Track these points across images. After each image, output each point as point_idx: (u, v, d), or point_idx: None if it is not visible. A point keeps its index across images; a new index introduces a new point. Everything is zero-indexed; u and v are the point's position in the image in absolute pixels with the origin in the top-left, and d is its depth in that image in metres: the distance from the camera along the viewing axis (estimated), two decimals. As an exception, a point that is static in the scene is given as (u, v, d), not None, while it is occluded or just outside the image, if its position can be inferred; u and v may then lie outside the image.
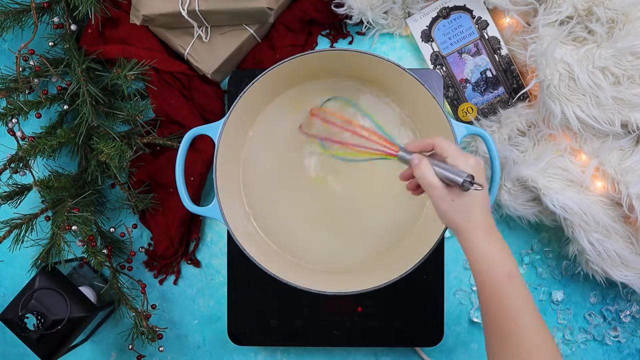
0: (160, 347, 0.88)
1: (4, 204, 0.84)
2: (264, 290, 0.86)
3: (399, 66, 0.75)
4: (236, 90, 0.81)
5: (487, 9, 0.86)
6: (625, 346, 0.89)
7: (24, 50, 0.83)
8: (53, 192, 0.83)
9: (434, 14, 0.87)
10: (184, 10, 0.81)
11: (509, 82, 0.87)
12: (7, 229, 0.83)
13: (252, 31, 0.86)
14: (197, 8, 0.81)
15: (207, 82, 0.90)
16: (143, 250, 0.92)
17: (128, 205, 0.89)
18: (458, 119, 0.89)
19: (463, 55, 0.88)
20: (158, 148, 0.90)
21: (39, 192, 0.82)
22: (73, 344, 0.86)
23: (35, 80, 0.84)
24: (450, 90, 0.88)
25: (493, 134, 0.86)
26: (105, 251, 0.87)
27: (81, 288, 0.85)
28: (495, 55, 0.87)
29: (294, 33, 0.89)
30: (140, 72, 0.83)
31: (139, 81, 0.86)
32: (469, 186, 0.60)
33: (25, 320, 0.80)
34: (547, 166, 0.80)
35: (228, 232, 0.77)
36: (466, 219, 0.61)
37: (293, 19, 0.88)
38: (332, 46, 0.91)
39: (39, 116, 0.85)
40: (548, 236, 0.89)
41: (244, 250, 0.75)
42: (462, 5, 0.87)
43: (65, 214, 0.82)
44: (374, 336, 0.86)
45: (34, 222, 0.85)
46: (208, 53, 0.86)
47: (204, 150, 0.87)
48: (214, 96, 0.89)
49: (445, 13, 0.87)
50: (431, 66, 0.88)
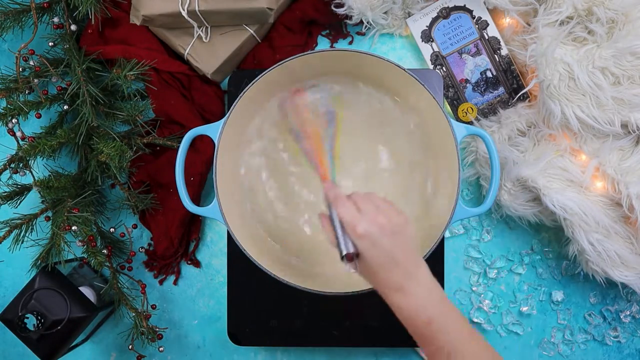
0: (160, 347, 0.88)
1: (4, 204, 0.84)
2: (264, 290, 0.86)
3: (399, 66, 0.75)
4: (236, 90, 0.81)
5: (487, 9, 0.86)
6: (625, 346, 0.89)
7: (24, 51, 0.83)
8: (53, 192, 0.83)
9: (434, 14, 0.87)
10: (184, 10, 0.81)
11: (509, 82, 0.87)
12: (7, 229, 0.83)
13: (252, 31, 0.86)
14: (197, 8, 0.81)
15: (207, 82, 0.90)
16: (143, 250, 0.92)
17: (128, 205, 0.89)
18: (458, 119, 0.89)
19: (463, 56, 0.88)
20: (158, 148, 0.90)
21: (39, 192, 0.82)
22: (73, 344, 0.86)
23: (35, 80, 0.84)
24: (450, 90, 0.88)
25: (493, 134, 0.86)
26: (105, 251, 0.87)
27: (81, 288, 0.85)
28: (495, 56, 0.87)
29: (294, 33, 0.89)
30: (140, 72, 0.83)
31: (139, 81, 0.86)
32: (345, 263, 0.60)
33: (25, 320, 0.80)
34: (547, 166, 0.80)
35: (228, 232, 0.77)
36: (373, 278, 0.61)
37: (293, 19, 0.88)
38: (332, 46, 0.91)
39: (39, 116, 0.85)
40: (548, 236, 0.89)
41: (244, 250, 0.75)
42: (462, 5, 0.87)
43: (65, 214, 0.82)
44: (374, 336, 0.86)
45: (34, 222, 0.85)
46: (208, 53, 0.86)
47: (204, 150, 0.87)
48: (214, 96, 0.89)
49: (445, 13, 0.87)
50: (431, 66, 0.88)
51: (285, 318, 0.86)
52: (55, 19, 0.85)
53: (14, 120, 0.83)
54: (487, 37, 0.87)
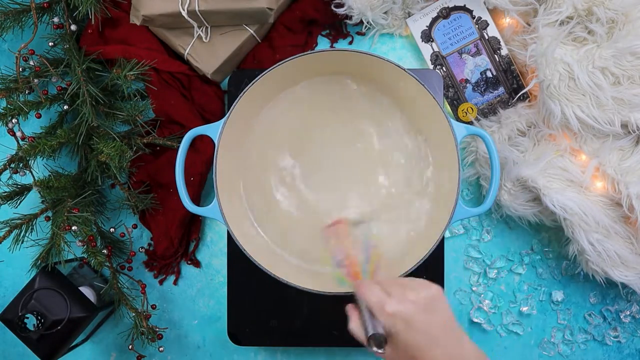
0: (160, 347, 0.88)
1: (4, 204, 0.84)
2: (264, 290, 0.86)
3: (399, 66, 0.75)
4: (236, 90, 0.81)
5: (487, 9, 0.86)
6: (625, 346, 0.89)
7: (24, 51, 0.83)
8: (53, 192, 0.83)
9: (434, 14, 0.87)
10: (184, 10, 0.81)
11: (509, 82, 0.87)
12: (7, 229, 0.83)
13: (252, 31, 0.86)
14: (197, 8, 0.81)
15: (207, 82, 0.90)
16: (143, 250, 0.92)
17: (128, 205, 0.89)
18: (458, 119, 0.89)
19: (463, 56, 0.88)
20: (158, 148, 0.90)
21: (39, 192, 0.82)
22: (73, 344, 0.86)
23: (35, 80, 0.84)
24: (450, 90, 0.88)
25: (493, 134, 0.86)
26: (105, 251, 0.87)
27: (81, 288, 0.85)
28: (495, 56, 0.87)
29: (294, 33, 0.89)
30: (140, 72, 0.83)
31: (139, 81, 0.86)
32: (371, 347, 0.55)
33: (25, 320, 0.80)
34: (547, 166, 0.80)
35: (228, 232, 0.77)
36: None
37: (293, 19, 0.88)
38: (332, 46, 0.91)
39: (39, 116, 0.85)
40: (548, 236, 0.89)
41: (244, 250, 0.75)
42: (462, 5, 0.87)
43: (65, 214, 0.82)
44: (374, 336, 0.86)
45: (34, 222, 0.85)
46: (208, 53, 0.86)
47: (204, 150, 0.87)
48: (214, 96, 0.89)
49: (445, 13, 0.87)
50: (431, 66, 0.88)
51: (285, 318, 0.86)
52: (55, 19, 0.85)
53: (14, 120, 0.83)
54: (487, 37, 0.87)
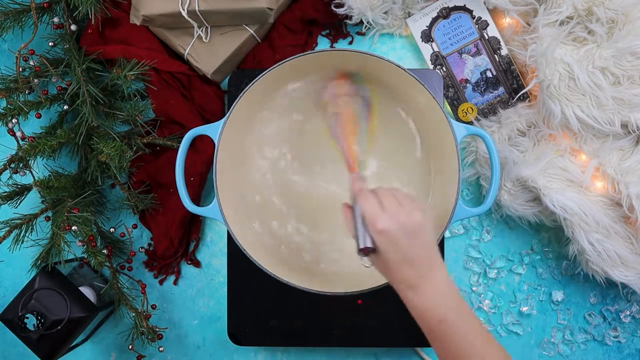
0: (160, 347, 0.88)
1: (4, 204, 0.84)
2: (264, 290, 0.86)
3: (399, 66, 0.75)
4: (236, 90, 0.81)
5: (487, 9, 0.86)
6: (625, 346, 0.89)
7: (24, 51, 0.83)
8: (53, 192, 0.83)
9: (434, 14, 0.87)
10: (184, 10, 0.81)
11: (509, 82, 0.87)
12: (7, 229, 0.83)
13: (252, 31, 0.86)
14: (197, 8, 0.81)
15: (207, 82, 0.90)
16: (143, 250, 0.92)
17: (128, 205, 0.89)
18: (458, 119, 0.89)
19: (463, 56, 0.88)
20: (158, 148, 0.90)
21: (39, 192, 0.82)
22: (73, 344, 0.86)
23: (35, 80, 0.84)
24: (450, 90, 0.88)
25: (493, 134, 0.86)
26: (105, 251, 0.87)
27: (81, 288, 0.85)
28: (495, 56, 0.87)
29: (294, 33, 0.89)
30: (140, 72, 0.83)
31: (139, 81, 0.86)
32: (361, 258, 0.61)
33: (25, 320, 0.80)
34: (547, 166, 0.80)
35: (228, 232, 0.77)
36: (387, 273, 0.62)
37: (293, 19, 0.88)
38: (332, 46, 0.91)
39: (39, 116, 0.85)
40: (548, 236, 0.89)
41: (244, 250, 0.75)
42: (462, 5, 0.87)
43: (65, 214, 0.82)
44: (374, 336, 0.86)
45: (34, 222, 0.85)
46: (208, 53, 0.86)
47: (204, 150, 0.87)
48: (214, 96, 0.89)
49: (445, 13, 0.87)
50: (431, 66, 0.88)
51: (285, 318, 0.86)
52: (55, 19, 0.85)
53: (14, 120, 0.83)
54: (487, 37, 0.87)
